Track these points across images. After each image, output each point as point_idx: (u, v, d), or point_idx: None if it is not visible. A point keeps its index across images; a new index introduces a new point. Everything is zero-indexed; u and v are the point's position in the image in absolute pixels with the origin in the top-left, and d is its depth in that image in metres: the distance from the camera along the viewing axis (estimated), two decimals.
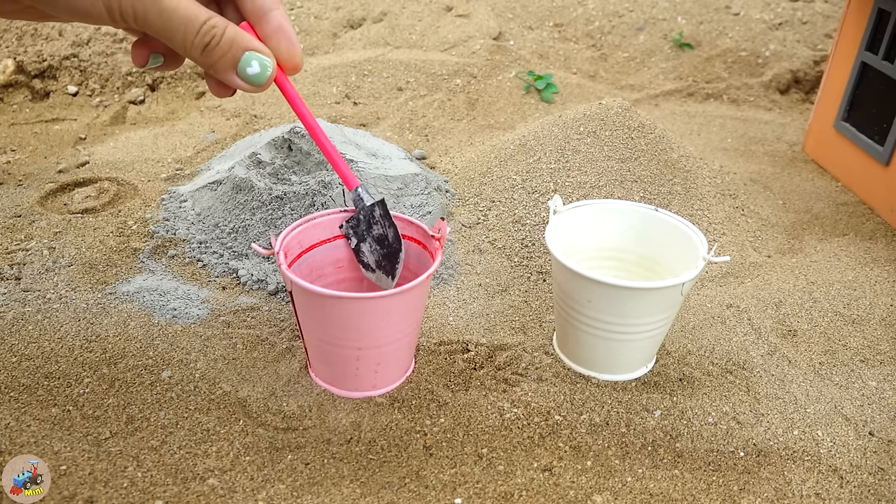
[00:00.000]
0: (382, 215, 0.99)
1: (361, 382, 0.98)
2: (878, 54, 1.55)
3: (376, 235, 1.00)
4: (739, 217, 1.48)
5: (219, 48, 0.73)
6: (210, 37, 0.72)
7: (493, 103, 2.01)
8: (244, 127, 1.84)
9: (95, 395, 0.97)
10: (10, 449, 0.87)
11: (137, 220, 1.39)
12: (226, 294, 1.20)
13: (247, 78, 0.75)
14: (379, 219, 0.99)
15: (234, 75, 0.75)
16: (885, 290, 1.26)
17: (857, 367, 1.10)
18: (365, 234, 1.00)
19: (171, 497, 0.83)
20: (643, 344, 1.02)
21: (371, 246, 1.00)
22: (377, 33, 2.38)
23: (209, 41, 0.72)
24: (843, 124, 1.69)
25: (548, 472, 0.90)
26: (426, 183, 1.47)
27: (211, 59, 0.73)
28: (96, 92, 2.00)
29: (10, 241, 1.30)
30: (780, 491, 0.88)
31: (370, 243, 1.00)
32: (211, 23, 0.72)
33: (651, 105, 2.18)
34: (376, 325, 0.91)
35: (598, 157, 1.47)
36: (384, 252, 1.00)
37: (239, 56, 0.74)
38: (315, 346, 0.98)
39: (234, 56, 0.74)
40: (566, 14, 2.59)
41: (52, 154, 1.70)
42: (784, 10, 2.58)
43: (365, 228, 1.00)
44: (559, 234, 1.09)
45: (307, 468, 0.88)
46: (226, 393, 0.99)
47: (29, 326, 1.08)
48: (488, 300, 1.23)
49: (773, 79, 2.27)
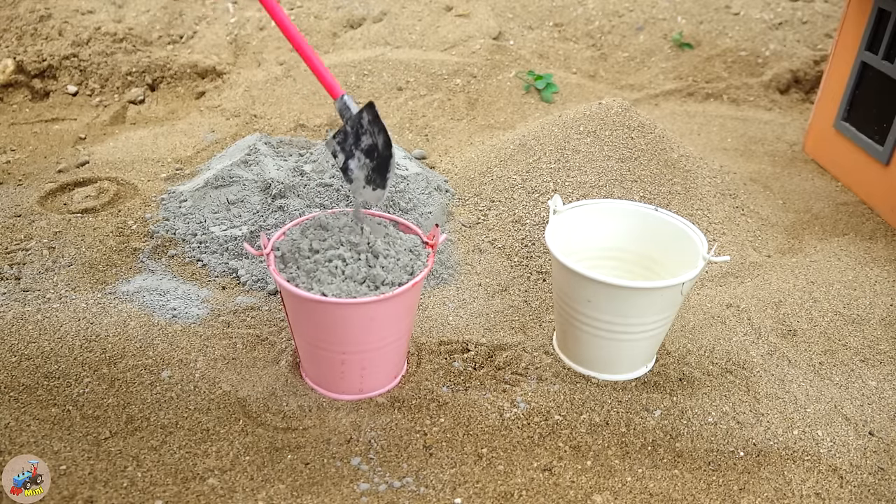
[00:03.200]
0: (371, 121, 0.88)
1: (347, 385, 0.98)
2: (878, 54, 1.55)
3: (365, 147, 0.88)
4: (739, 217, 1.48)
5: None
6: None
7: (493, 103, 2.01)
8: (244, 127, 1.84)
9: (95, 395, 0.97)
10: (10, 449, 0.87)
11: (137, 219, 1.39)
12: (225, 294, 1.20)
13: None
14: (367, 126, 0.88)
15: None
16: (885, 290, 1.26)
17: (857, 366, 1.10)
18: (353, 149, 0.89)
19: (171, 497, 0.83)
20: (643, 344, 1.02)
21: (360, 160, 0.89)
22: (377, 33, 2.38)
23: None
24: (843, 124, 1.69)
25: (548, 471, 0.90)
26: (426, 183, 1.47)
27: None
28: (96, 92, 2.00)
29: (10, 240, 1.30)
30: (780, 491, 0.88)
31: (359, 157, 0.89)
32: None
33: (651, 105, 2.18)
34: (360, 330, 0.91)
35: (598, 157, 1.47)
36: (374, 164, 0.88)
37: None
38: (303, 348, 0.98)
39: None
40: (566, 14, 2.59)
41: (52, 154, 1.70)
42: (784, 10, 2.58)
43: (353, 142, 0.89)
44: (559, 234, 1.09)
45: (307, 468, 0.88)
46: (226, 393, 0.99)
47: (29, 326, 1.08)
48: (488, 300, 1.23)
49: (773, 79, 2.27)
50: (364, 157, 0.89)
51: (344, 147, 0.91)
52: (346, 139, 0.90)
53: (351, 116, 0.88)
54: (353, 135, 0.90)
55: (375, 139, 0.88)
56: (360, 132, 0.89)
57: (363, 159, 0.89)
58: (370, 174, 0.89)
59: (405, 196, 1.39)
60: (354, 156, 0.90)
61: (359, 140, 0.89)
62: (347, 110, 0.89)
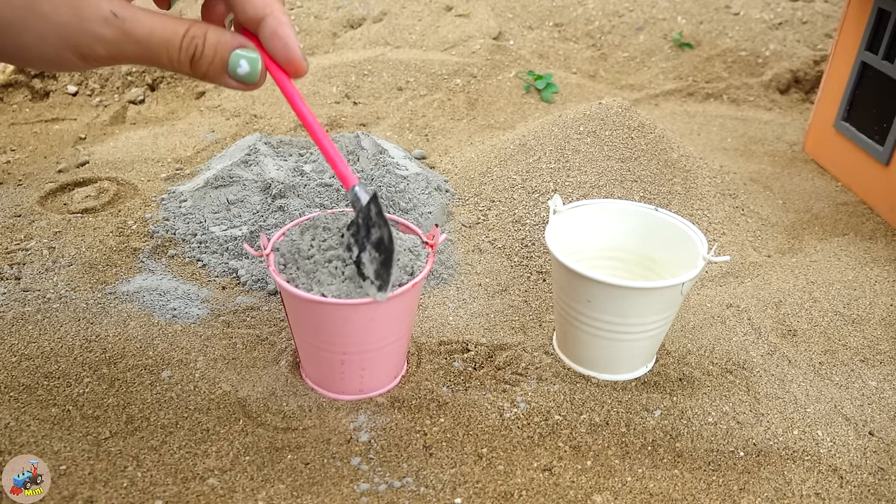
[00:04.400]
0: (377, 213, 0.88)
1: (347, 385, 0.98)
2: (878, 54, 1.55)
3: (374, 240, 0.89)
4: (739, 217, 1.48)
5: (204, 57, 0.70)
6: (193, 48, 0.69)
7: (493, 103, 2.01)
8: (244, 127, 1.84)
9: (95, 394, 0.97)
10: (10, 449, 0.87)
11: (137, 219, 1.39)
12: (225, 294, 1.20)
13: (239, 78, 0.72)
14: (375, 218, 0.88)
15: (227, 79, 0.72)
16: (885, 289, 1.26)
17: (857, 366, 1.10)
18: (365, 242, 0.89)
19: (171, 497, 0.83)
20: (643, 344, 1.02)
21: (371, 254, 0.89)
22: (377, 33, 2.38)
23: (193, 53, 0.69)
24: (843, 124, 1.69)
25: (548, 471, 0.90)
26: (426, 183, 1.47)
27: (201, 70, 0.71)
28: (96, 91, 2.00)
29: (9, 240, 1.30)
30: (780, 491, 0.88)
31: (370, 251, 0.89)
32: (190, 34, 0.69)
33: (651, 105, 2.18)
34: (360, 331, 0.91)
35: (598, 157, 1.47)
36: (381, 259, 0.89)
37: (227, 58, 0.71)
38: (303, 348, 0.98)
39: (221, 60, 0.71)
40: (566, 14, 2.59)
41: (51, 154, 1.70)
42: (784, 10, 2.58)
43: (364, 234, 0.89)
44: (559, 234, 1.09)
45: (307, 468, 0.88)
46: (226, 393, 0.99)
47: (29, 326, 1.08)
48: (488, 300, 1.23)
49: (773, 78, 2.27)
50: (374, 250, 0.89)
51: (357, 240, 0.90)
52: (359, 232, 0.90)
53: (361, 208, 0.87)
54: (364, 227, 0.89)
55: (382, 232, 0.88)
56: (370, 224, 0.88)
57: (373, 252, 0.89)
58: (378, 268, 0.89)
59: (405, 196, 1.39)
60: (366, 249, 0.89)
61: (369, 233, 0.89)
62: (358, 201, 0.88)
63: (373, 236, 0.89)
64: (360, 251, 0.90)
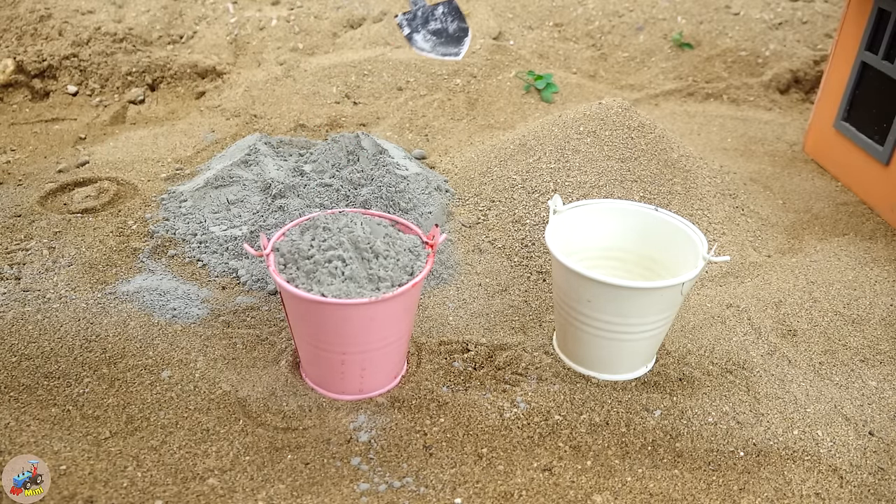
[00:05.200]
0: (445, 13, 1.06)
1: (347, 385, 0.98)
2: (878, 54, 1.55)
3: (433, 29, 1.06)
4: (739, 217, 1.48)
5: None
6: None
7: (493, 103, 2.00)
8: (244, 127, 1.84)
9: (95, 394, 0.97)
10: (10, 449, 0.87)
11: (137, 219, 1.39)
12: (225, 294, 1.20)
13: None
14: (439, 16, 1.06)
15: None
16: (885, 290, 1.26)
17: (857, 366, 1.10)
18: (420, 27, 1.06)
19: (171, 497, 0.83)
20: (643, 344, 1.02)
21: (426, 36, 1.08)
22: (377, 33, 2.38)
23: None
24: (843, 124, 1.69)
25: (548, 471, 0.90)
26: (426, 183, 1.47)
27: None
28: (96, 92, 2.00)
29: (10, 240, 1.30)
30: (780, 491, 0.88)
31: (425, 34, 1.07)
32: None
33: (651, 105, 2.18)
34: (360, 330, 0.91)
35: (598, 157, 1.47)
36: (442, 40, 1.05)
37: None
38: (303, 348, 0.98)
39: None
40: (566, 14, 2.59)
41: (52, 154, 1.70)
42: (784, 10, 2.58)
43: (421, 23, 1.06)
44: (559, 234, 1.09)
45: (307, 468, 0.88)
46: (226, 393, 0.99)
47: (29, 326, 1.08)
48: (488, 300, 1.23)
49: (773, 79, 2.27)
50: (430, 35, 1.06)
51: (411, 24, 1.06)
52: (414, 19, 1.06)
53: (423, 6, 1.05)
54: (421, 18, 1.06)
55: (447, 26, 1.03)
56: (430, 18, 1.06)
57: (429, 36, 1.07)
58: (435, 44, 1.05)
59: (405, 196, 1.39)
60: (420, 32, 1.06)
61: (426, 23, 1.06)
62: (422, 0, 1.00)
63: (430, 26, 1.06)
64: (412, 31, 1.08)
